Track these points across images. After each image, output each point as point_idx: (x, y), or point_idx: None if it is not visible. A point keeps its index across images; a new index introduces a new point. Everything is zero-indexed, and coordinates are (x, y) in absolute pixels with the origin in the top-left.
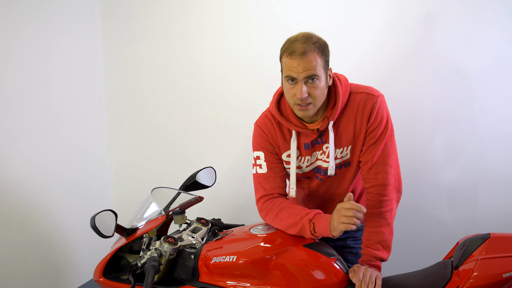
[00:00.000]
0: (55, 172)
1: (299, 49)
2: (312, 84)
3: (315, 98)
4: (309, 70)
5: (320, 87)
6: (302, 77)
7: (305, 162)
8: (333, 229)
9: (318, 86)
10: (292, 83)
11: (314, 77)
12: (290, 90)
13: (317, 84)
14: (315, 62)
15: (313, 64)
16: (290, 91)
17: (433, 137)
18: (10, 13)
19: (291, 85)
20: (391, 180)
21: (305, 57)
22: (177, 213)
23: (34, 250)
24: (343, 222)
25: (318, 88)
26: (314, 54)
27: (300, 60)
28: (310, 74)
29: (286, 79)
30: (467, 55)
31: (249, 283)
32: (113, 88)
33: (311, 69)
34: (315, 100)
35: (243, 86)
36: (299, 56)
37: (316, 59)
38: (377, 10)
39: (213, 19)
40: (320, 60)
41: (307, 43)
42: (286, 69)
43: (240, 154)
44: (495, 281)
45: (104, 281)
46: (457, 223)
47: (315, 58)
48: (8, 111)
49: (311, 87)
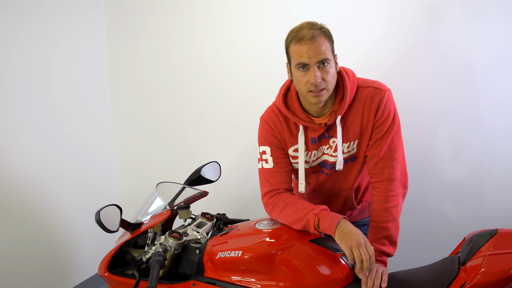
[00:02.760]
0: (59, 167)
1: (307, 35)
2: (324, 68)
3: (328, 83)
4: (321, 55)
5: (331, 72)
6: (314, 62)
7: (312, 157)
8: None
9: (329, 70)
10: (304, 70)
11: (325, 61)
12: (302, 78)
13: (328, 68)
14: (325, 46)
15: (323, 48)
16: (302, 78)
17: (438, 132)
18: (14, 7)
19: (303, 72)
20: (397, 175)
21: (315, 41)
22: (182, 208)
23: (38, 245)
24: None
25: (330, 73)
26: (323, 38)
27: (310, 45)
28: (322, 58)
29: (297, 67)
30: (472, 49)
31: (254, 278)
32: (117, 82)
33: (322, 53)
34: (328, 84)
35: (247, 81)
36: (308, 41)
37: (325, 43)
38: (382, 5)
39: (217, 13)
40: (329, 44)
41: (314, 29)
42: (296, 56)
43: (245, 149)
44: (503, 277)
45: (109, 276)
46: (463, 218)
47: (324, 42)
48: (12, 106)
49: (324, 71)
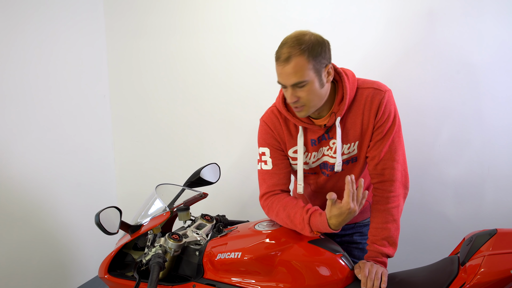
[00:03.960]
0: (59, 170)
1: (283, 55)
2: (301, 89)
3: (307, 101)
4: (293, 78)
5: (311, 90)
6: (289, 84)
7: (312, 158)
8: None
9: (308, 90)
10: (283, 87)
11: (299, 84)
12: (284, 93)
13: (306, 88)
14: (301, 67)
15: (297, 70)
16: (285, 93)
17: (438, 132)
18: (13, 9)
19: (284, 89)
20: (398, 176)
21: (288, 63)
22: (182, 209)
23: (38, 247)
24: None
25: (309, 92)
26: (301, 58)
27: (283, 66)
28: (294, 82)
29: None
30: (472, 49)
31: (254, 280)
32: (116, 84)
33: (296, 76)
34: (308, 102)
35: (247, 82)
36: (282, 62)
37: (302, 63)
38: (381, 6)
39: (216, 14)
40: (308, 63)
41: (293, 47)
42: (277, 73)
43: (244, 150)
44: (502, 277)
45: (109, 278)
46: (463, 218)
47: (300, 63)
48: (12, 108)
49: (300, 91)
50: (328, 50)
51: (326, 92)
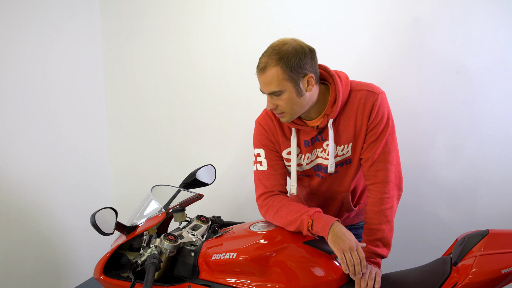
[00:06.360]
0: (55, 171)
1: (261, 64)
2: (278, 97)
3: (286, 109)
4: (270, 87)
5: (288, 99)
6: (266, 92)
7: (305, 160)
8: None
9: (285, 99)
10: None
11: (274, 93)
12: None
13: (283, 97)
14: (275, 77)
15: (271, 80)
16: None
17: (433, 135)
18: (9, 10)
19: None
20: (391, 177)
21: (264, 73)
22: (177, 210)
23: (34, 248)
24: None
25: (285, 100)
26: (275, 68)
27: (260, 75)
28: (269, 91)
29: None
30: (467, 54)
31: (249, 280)
32: (112, 86)
33: (271, 85)
34: (286, 110)
35: (242, 84)
36: (259, 71)
37: (276, 74)
38: (376, 8)
39: (212, 17)
40: (283, 74)
41: (270, 57)
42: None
43: (240, 152)
44: (494, 277)
45: (104, 278)
46: (457, 220)
47: (274, 73)
48: (7, 109)
49: (278, 99)
50: (310, 59)
51: (309, 100)
